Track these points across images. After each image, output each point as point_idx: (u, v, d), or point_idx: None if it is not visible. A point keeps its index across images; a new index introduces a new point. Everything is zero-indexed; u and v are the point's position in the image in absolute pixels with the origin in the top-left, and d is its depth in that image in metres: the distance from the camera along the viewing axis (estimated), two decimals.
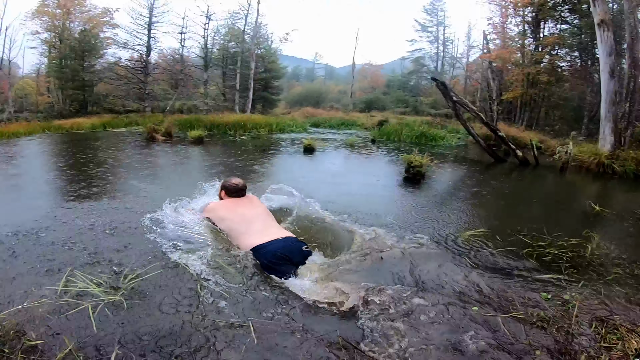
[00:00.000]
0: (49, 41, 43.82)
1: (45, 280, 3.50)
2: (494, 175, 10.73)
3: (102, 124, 27.32)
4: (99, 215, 5.45)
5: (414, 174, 8.52)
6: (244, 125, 20.39)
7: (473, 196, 7.55)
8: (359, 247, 4.28)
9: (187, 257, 3.83)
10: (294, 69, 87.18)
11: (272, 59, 41.45)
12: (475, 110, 13.15)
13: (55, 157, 13.40)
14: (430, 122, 24.32)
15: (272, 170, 9.52)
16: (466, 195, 7.65)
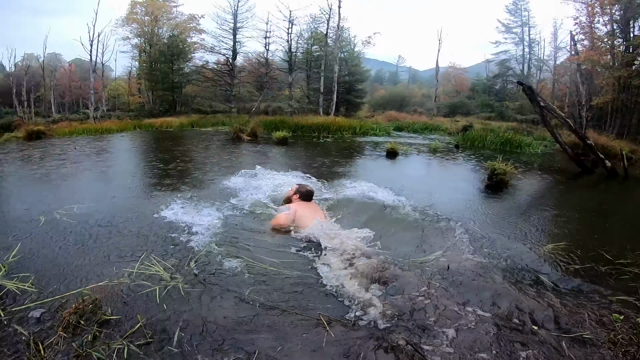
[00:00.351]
0: (139, 46, 46.21)
1: (122, 262, 3.84)
2: (579, 186, 10.15)
3: (190, 123, 28.16)
4: (180, 206, 5.75)
5: (497, 182, 8.21)
6: (328, 127, 20.30)
7: (556, 207, 7.13)
8: (431, 252, 4.34)
9: (255, 249, 4.20)
10: (377, 72, 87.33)
11: (355, 62, 41.50)
12: (563, 116, 12.28)
13: (145, 152, 14.14)
14: (516, 129, 23.42)
15: (353, 172, 9.43)
16: (549, 207, 7.20)
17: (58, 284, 3.37)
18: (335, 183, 7.75)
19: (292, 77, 37.38)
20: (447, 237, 4.84)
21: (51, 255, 4.01)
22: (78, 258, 3.96)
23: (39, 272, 3.57)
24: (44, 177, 8.88)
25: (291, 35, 37.57)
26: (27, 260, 3.86)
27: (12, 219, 5.33)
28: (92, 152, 13.63)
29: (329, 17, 35.82)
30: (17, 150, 14.86)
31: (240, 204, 5.84)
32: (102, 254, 4.07)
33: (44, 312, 2.94)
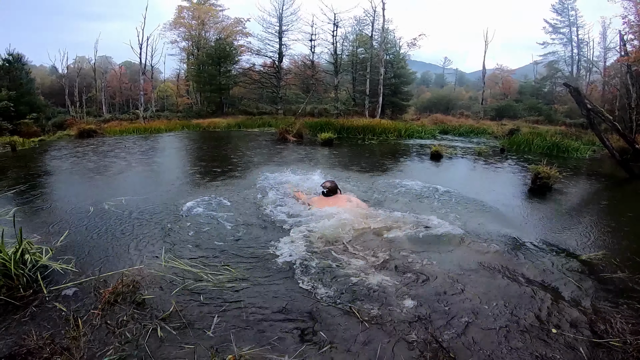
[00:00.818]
0: (187, 49, 47.44)
1: (162, 250, 4.13)
2: (625, 193, 9.68)
3: (237, 124, 28.74)
4: (224, 200, 6.17)
5: (540, 186, 8.11)
6: (373, 129, 20.45)
7: (599, 214, 6.93)
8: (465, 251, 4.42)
9: (291, 245, 4.32)
10: (423, 74, 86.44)
11: (401, 65, 41.21)
12: (611, 119, 11.83)
13: (191, 151, 14.59)
14: (565, 133, 22.83)
15: (396, 174, 9.39)
16: (591, 213, 7.00)
17: (99, 266, 3.75)
18: (378, 184, 7.98)
19: (338, 79, 37.47)
20: (481, 238, 4.86)
21: (96, 241, 4.44)
22: (120, 244, 4.36)
23: (83, 256, 3.98)
24: (94, 171, 9.49)
25: (336, 37, 37.60)
26: (73, 245, 4.26)
27: (64, 208, 5.84)
28: (141, 150, 14.24)
29: (374, 19, 35.84)
30: (70, 147, 15.68)
31: (274, 201, 6.20)
32: (143, 241, 4.44)
33: (82, 291, 3.28)
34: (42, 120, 30.08)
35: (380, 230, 4.84)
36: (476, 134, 24.77)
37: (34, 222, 5.16)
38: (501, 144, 16.97)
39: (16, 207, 5.88)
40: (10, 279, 3.26)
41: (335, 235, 4.59)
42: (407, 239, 4.65)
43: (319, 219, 5.09)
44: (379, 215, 5.45)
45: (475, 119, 36.43)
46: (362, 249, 4.27)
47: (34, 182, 8.32)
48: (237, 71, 42.61)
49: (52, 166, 10.93)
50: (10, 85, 28.71)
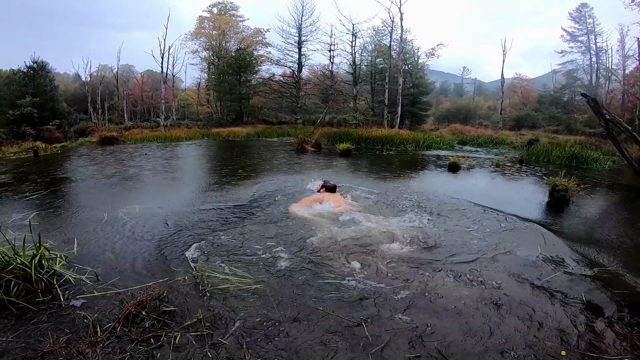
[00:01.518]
0: (208, 58, 48.15)
1: (180, 260, 4.21)
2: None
3: (256, 133, 29.07)
4: (242, 209, 6.30)
5: (558, 199, 7.89)
6: (391, 140, 20.38)
7: (615, 228, 6.58)
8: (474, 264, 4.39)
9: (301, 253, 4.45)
10: (442, 84, 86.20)
11: (420, 75, 41.28)
12: (630, 130, 11.59)
13: (211, 160, 14.83)
14: (584, 143, 22.53)
15: (412, 186, 9.19)
16: (609, 226, 6.70)
17: (116, 275, 3.81)
18: (394, 194, 7.96)
19: (357, 89, 37.60)
20: (492, 251, 4.84)
21: (110, 250, 4.53)
22: (136, 253, 4.45)
23: (97, 264, 4.05)
24: (113, 178, 9.72)
25: (355, 48, 37.76)
26: (87, 253, 4.37)
27: (78, 215, 6.00)
28: (161, 157, 14.55)
29: (392, 29, 35.96)
30: (91, 154, 16.35)
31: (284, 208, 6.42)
32: (159, 251, 4.52)
33: (102, 300, 3.34)
34: (65, 127, 30.56)
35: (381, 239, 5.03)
36: (495, 144, 24.57)
37: (51, 228, 5.30)
38: (520, 155, 16.78)
39: (35, 212, 6.11)
40: (30, 283, 3.35)
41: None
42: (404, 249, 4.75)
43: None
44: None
45: (494, 129, 36.17)
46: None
47: (54, 187, 8.62)
48: (257, 81, 43.06)
49: (72, 172, 11.24)
50: (34, 92, 29.22)
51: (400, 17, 33.64)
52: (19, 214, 5.96)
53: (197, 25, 47.03)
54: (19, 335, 2.81)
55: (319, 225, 5.53)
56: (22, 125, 26.97)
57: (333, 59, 40.59)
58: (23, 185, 8.97)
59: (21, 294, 3.29)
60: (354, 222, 5.65)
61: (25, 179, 9.93)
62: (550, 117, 40.79)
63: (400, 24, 33.90)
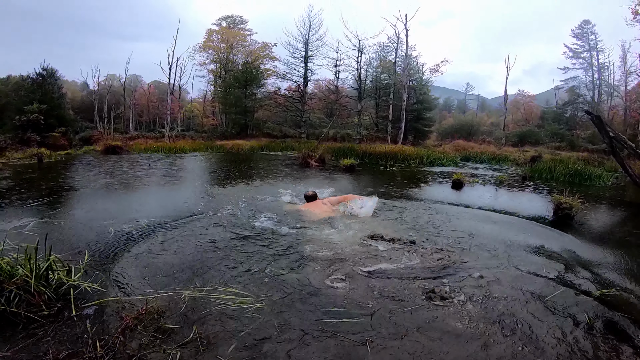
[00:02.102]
0: (215, 71, 48.64)
1: (182, 276, 4.15)
2: None
3: (260, 147, 29.16)
4: (246, 224, 6.16)
5: (562, 217, 7.83)
6: (395, 156, 20.39)
7: (620, 246, 6.35)
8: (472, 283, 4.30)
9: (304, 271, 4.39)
10: (446, 100, 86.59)
11: (424, 91, 41.48)
12: (633, 147, 11.48)
13: (215, 173, 14.83)
14: (587, 159, 22.50)
15: (415, 203, 9.02)
16: (612, 245, 6.42)
17: (120, 288, 3.81)
18: (394, 211, 7.86)
19: (362, 104, 37.81)
20: (494, 267, 4.80)
21: (119, 263, 4.49)
22: (139, 266, 4.41)
23: (102, 276, 4.01)
24: (117, 188, 9.77)
25: (360, 63, 38.09)
26: (92, 264, 4.33)
27: (85, 228, 5.93)
28: (164, 169, 14.63)
29: (397, 45, 36.27)
30: (94, 162, 16.47)
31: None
32: (163, 266, 4.45)
33: (105, 314, 3.30)
34: (70, 134, 30.90)
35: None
36: (498, 161, 24.62)
37: (53, 239, 5.14)
38: (523, 172, 16.75)
39: (37, 220, 6.15)
40: (32, 295, 3.31)
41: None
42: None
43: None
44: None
45: (497, 145, 36.23)
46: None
47: (57, 196, 8.67)
48: (263, 94, 43.40)
49: (75, 181, 11.29)
50: (41, 99, 29.60)
51: (406, 34, 33.98)
52: (22, 221, 6.01)
53: (205, 37, 47.69)
54: (19, 350, 2.80)
55: (313, 236, 5.64)
56: (27, 131, 27.28)
57: (339, 74, 41.02)
58: (27, 192, 9.01)
59: (23, 304, 3.25)
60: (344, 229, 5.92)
61: (29, 186, 10.01)
62: (553, 134, 40.91)
63: (406, 40, 34.23)
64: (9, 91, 35.72)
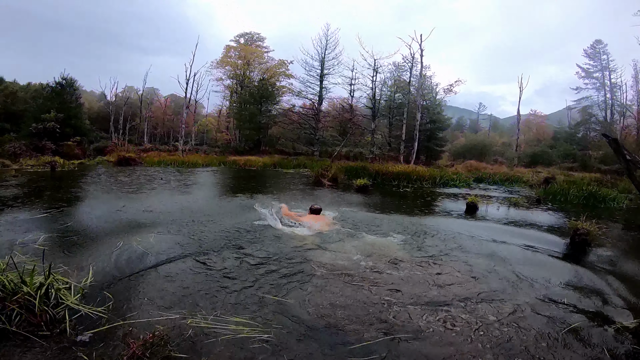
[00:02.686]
0: (231, 87, 49.30)
1: (191, 300, 3.98)
2: None
3: (273, 164, 29.17)
4: (256, 245, 5.97)
5: (580, 243, 7.59)
6: (408, 176, 20.00)
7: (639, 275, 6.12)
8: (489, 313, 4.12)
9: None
10: (458, 119, 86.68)
11: (437, 110, 41.57)
12: None
13: (227, 189, 14.81)
14: (600, 180, 22.24)
15: (428, 228, 8.51)
16: (631, 272, 6.23)
17: (129, 311, 3.61)
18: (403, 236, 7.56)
19: (375, 123, 37.90)
20: (507, 295, 4.65)
21: (125, 282, 4.32)
22: (147, 286, 4.26)
23: (113, 297, 3.83)
24: (127, 202, 9.59)
25: (375, 82, 38.30)
26: (99, 282, 4.19)
27: (91, 239, 5.87)
28: (177, 183, 14.65)
29: (412, 65, 36.40)
30: (107, 174, 16.44)
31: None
32: (172, 288, 4.26)
33: (108, 337, 3.14)
34: (85, 144, 31.28)
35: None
36: (511, 182, 24.14)
37: (61, 253, 5.18)
38: (537, 194, 16.55)
39: (46, 233, 6.05)
40: (34, 314, 3.19)
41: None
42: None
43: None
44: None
45: (509, 165, 36.07)
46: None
47: (68, 207, 8.66)
48: (277, 111, 43.74)
49: (87, 192, 11.38)
50: (59, 108, 30.07)
51: (421, 54, 34.12)
52: (30, 234, 5.94)
53: (223, 53, 48.52)
54: None
55: (322, 256, 5.58)
56: (43, 138, 27.73)
57: (353, 92, 41.36)
58: (38, 202, 9.07)
59: (23, 324, 3.14)
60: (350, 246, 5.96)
61: (41, 195, 10.08)
62: (566, 154, 40.62)
63: (420, 60, 34.34)
64: (28, 98, 36.36)
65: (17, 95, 36.83)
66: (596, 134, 42.92)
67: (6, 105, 34.96)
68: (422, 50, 34.08)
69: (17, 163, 22.18)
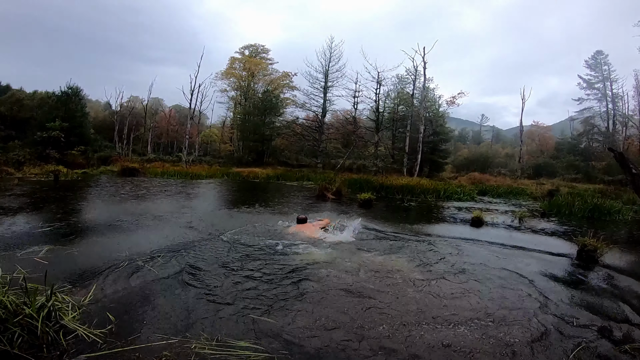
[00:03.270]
0: (235, 98, 49.72)
1: (199, 323, 3.82)
2: None
3: (276, 176, 29.19)
4: (265, 265, 5.69)
5: (587, 259, 7.50)
6: (412, 190, 19.87)
7: None
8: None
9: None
10: (461, 131, 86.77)
11: (440, 122, 41.70)
12: None
13: (231, 203, 14.64)
14: (604, 191, 22.19)
15: (436, 244, 8.36)
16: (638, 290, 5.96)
17: (131, 333, 3.48)
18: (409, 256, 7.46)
19: (379, 136, 38.03)
20: (516, 319, 4.41)
21: (127, 301, 4.18)
22: (150, 305, 4.12)
23: (114, 318, 3.69)
24: (132, 214, 9.52)
25: (379, 95, 38.55)
26: (101, 300, 4.09)
27: (96, 256, 5.71)
28: (181, 195, 14.59)
29: (415, 77, 36.60)
30: (110, 185, 16.51)
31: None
32: (173, 308, 4.11)
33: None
34: (89, 153, 31.41)
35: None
36: (515, 194, 23.98)
37: (63, 269, 5.07)
38: (542, 207, 16.41)
39: (49, 245, 6.01)
40: (36, 336, 3.12)
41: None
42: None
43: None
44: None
45: (512, 177, 36.05)
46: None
47: (71, 218, 8.61)
48: (281, 123, 44.19)
49: (90, 204, 11.38)
50: (64, 116, 30.40)
51: (424, 66, 34.34)
52: (32, 247, 5.92)
53: (228, 65, 49.16)
54: None
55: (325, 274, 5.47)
56: (47, 147, 27.92)
57: (357, 105, 41.62)
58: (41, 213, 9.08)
59: (25, 346, 3.06)
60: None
61: (44, 207, 10.06)
62: (569, 165, 40.78)
63: (424, 73, 34.63)
64: (34, 106, 36.61)
65: (23, 102, 37.08)
66: (599, 144, 42.97)
67: (12, 113, 35.16)
68: (425, 62, 34.27)
69: (21, 171, 22.31)
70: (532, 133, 59.16)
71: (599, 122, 45.41)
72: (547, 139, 57.42)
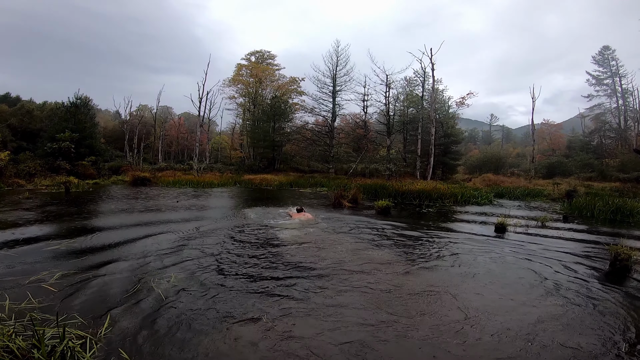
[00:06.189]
0: (244, 105, 49.89)
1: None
2: None
3: (289, 182, 29.07)
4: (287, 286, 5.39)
5: (620, 269, 6.90)
6: (429, 194, 19.50)
7: None
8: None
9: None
10: (471, 132, 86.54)
11: (451, 124, 41.52)
12: None
13: (240, 211, 13.91)
14: (621, 190, 21.86)
15: (463, 259, 7.79)
16: None
17: None
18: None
19: (390, 139, 37.86)
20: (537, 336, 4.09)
21: (142, 334, 3.87)
22: (167, 343, 3.77)
23: (132, 352, 3.47)
24: (146, 231, 9.13)
25: (388, 98, 38.38)
26: (116, 332, 3.81)
27: (109, 280, 5.38)
28: (194, 207, 14.33)
29: (424, 79, 36.44)
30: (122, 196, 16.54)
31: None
32: (189, 340, 3.82)
33: None
34: (100, 163, 31.48)
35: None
36: (532, 196, 23.65)
37: (74, 297, 4.73)
38: (562, 210, 16.03)
39: (59, 270, 5.67)
40: None
41: None
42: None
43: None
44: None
45: (526, 177, 35.68)
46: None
47: (83, 236, 8.29)
48: (291, 128, 44.24)
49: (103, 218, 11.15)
50: (74, 127, 30.59)
51: (432, 68, 34.09)
52: (41, 271, 5.61)
53: (235, 72, 49.43)
54: None
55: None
56: (58, 158, 28.02)
57: (366, 108, 41.53)
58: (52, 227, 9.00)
59: None
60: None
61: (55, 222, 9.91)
62: (583, 164, 40.13)
63: (432, 74, 34.42)
64: (44, 117, 36.85)
65: (34, 114, 37.31)
66: (611, 141, 42.44)
67: (23, 124, 35.35)
68: (432, 64, 34.05)
69: (32, 183, 22.36)
70: (542, 131, 58.77)
71: (610, 118, 44.91)
72: (558, 138, 57.25)
